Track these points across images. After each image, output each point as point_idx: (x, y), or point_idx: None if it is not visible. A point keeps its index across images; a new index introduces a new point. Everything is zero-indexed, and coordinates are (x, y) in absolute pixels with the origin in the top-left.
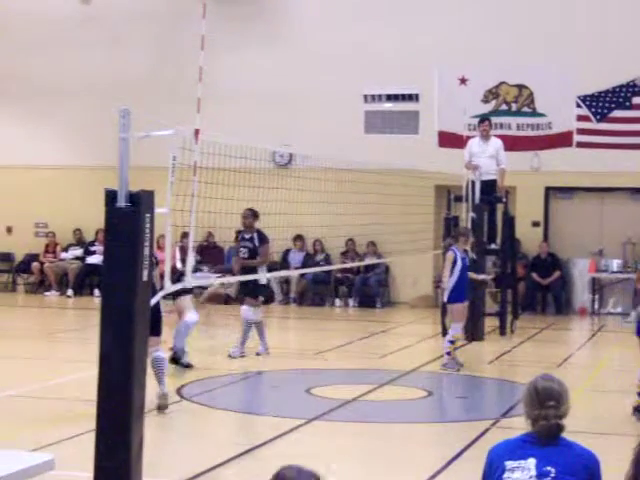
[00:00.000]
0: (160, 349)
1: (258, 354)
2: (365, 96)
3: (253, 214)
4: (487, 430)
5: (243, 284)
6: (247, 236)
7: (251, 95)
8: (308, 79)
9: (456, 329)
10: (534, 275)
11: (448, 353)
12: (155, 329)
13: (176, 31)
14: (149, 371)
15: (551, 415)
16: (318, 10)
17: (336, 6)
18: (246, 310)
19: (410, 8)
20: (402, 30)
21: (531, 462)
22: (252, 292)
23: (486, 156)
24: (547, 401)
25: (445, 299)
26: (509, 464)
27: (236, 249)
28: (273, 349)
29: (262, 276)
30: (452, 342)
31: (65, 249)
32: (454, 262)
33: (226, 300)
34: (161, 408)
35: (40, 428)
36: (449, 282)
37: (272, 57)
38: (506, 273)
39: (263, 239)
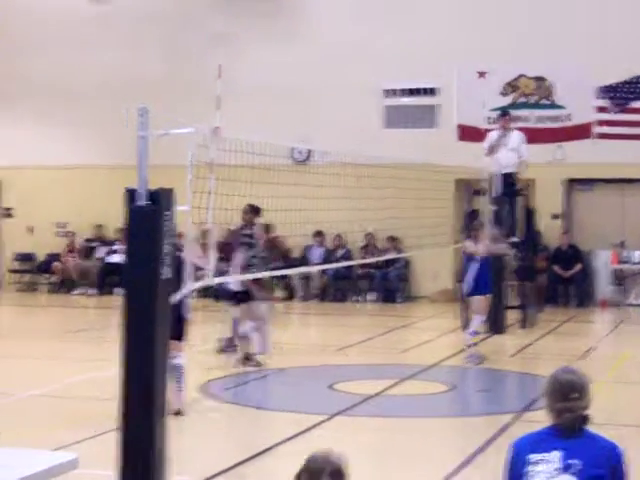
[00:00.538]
0: (181, 355)
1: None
2: (384, 91)
3: (253, 209)
4: (509, 424)
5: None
6: (247, 232)
7: (269, 91)
8: (327, 75)
9: (478, 321)
10: (556, 267)
11: (471, 345)
12: (177, 333)
13: (193, 29)
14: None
15: (576, 407)
16: (336, 5)
17: (354, 1)
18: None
19: (429, 2)
20: (421, 24)
21: (555, 455)
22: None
23: (507, 149)
24: (570, 393)
25: (465, 292)
26: (533, 457)
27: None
28: (295, 345)
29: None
30: (475, 334)
31: (87, 248)
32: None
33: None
34: (178, 414)
35: (62, 427)
36: (469, 275)
37: (290, 53)
38: (527, 266)
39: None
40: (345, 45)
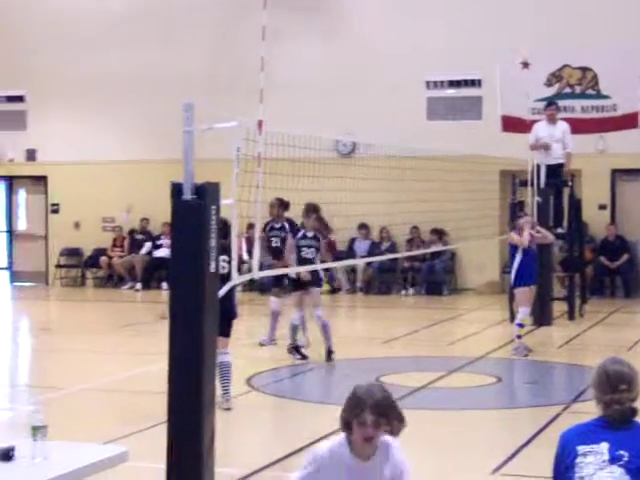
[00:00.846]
0: (228, 352)
1: (262, 344)
2: (427, 82)
3: (281, 203)
4: (558, 415)
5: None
6: (277, 225)
7: (312, 85)
8: (370, 67)
9: (524, 312)
10: (602, 258)
11: (518, 336)
12: (224, 329)
13: (235, 22)
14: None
15: (625, 399)
16: None
17: None
18: (273, 301)
19: None
20: (463, 16)
21: (604, 446)
22: (274, 283)
23: (553, 140)
24: (619, 385)
25: (512, 283)
26: (581, 449)
27: (265, 239)
28: (342, 338)
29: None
30: (521, 325)
31: (134, 241)
32: (516, 246)
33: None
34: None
35: (112, 421)
36: (513, 266)
37: (333, 46)
38: (573, 257)
39: (293, 225)
40: (387, 37)
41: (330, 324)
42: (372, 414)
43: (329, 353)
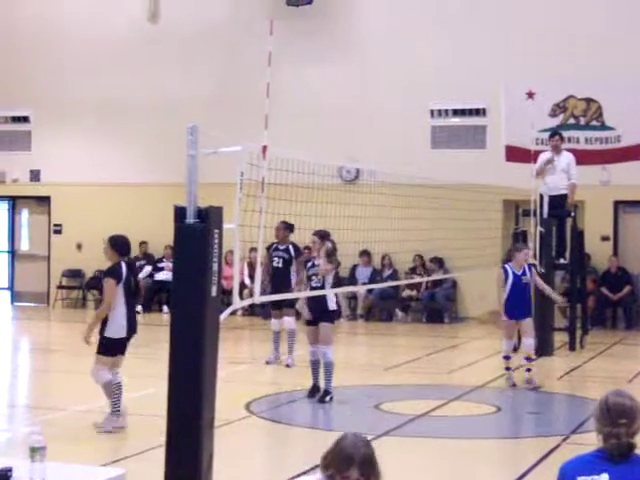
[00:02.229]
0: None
1: (288, 365)
2: (432, 111)
3: (287, 227)
4: (558, 446)
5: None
6: (281, 247)
7: (317, 110)
8: (374, 94)
9: (506, 344)
10: (604, 290)
11: (507, 368)
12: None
13: (241, 48)
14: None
15: (622, 433)
16: (383, 25)
17: (400, 21)
18: (290, 321)
19: (476, 23)
20: (468, 44)
21: (604, 477)
22: (292, 303)
23: (557, 170)
24: (619, 419)
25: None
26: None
27: (268, 260)
28: (342, 364)
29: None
30: (507, 358)
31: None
32: (505, 279)
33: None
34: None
35: (109, 443)
36: (502, 299)
37: (337, 72)
38: (575, 288)
39: (299, 250)
40: (392, 65)
41: (334, 365)
42: (358, 470)
43: (325, 394)
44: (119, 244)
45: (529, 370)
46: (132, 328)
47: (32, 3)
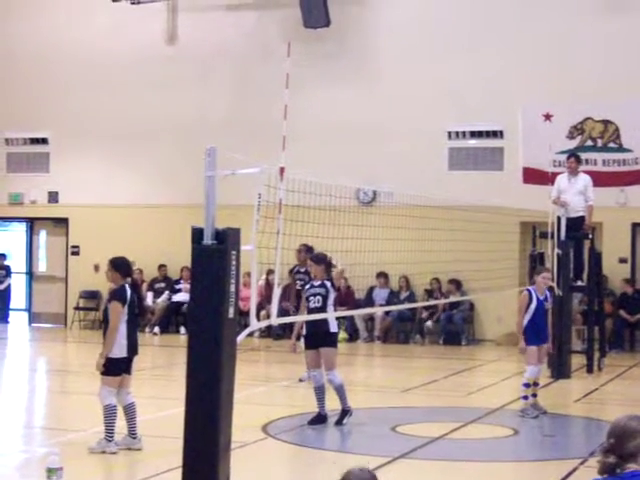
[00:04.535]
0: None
1: (301, 380)
2: (449, 132)
3: (308, 249)
4: (575, 469)
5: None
6: (302, 270)
7: (334, 132)
8: (392, 116)
9: (531, 372)
10: (622, 312)
11: (525, 397)
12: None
13: (258, 70)
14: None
15: (609, 451)
16: (401, 48)
17: (418, 43)
18: None
19: (493, 45)
20: (486, 67)
21: None
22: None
23: (574, 192)
24: (609, 437)
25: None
26: None
27: (292, 281)
28: (359, 386)
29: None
30: (527, 385)
31: (150, 285)
32: (528, 303)
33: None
34: None
35: (126, 464)
36: (524, 324)
37: (355, 95)
38: (593, 310)
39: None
40: (409, 87)
41: (344, 383)
42: None
43: (343, 414)
44: (121, 266)
45: (535, 395)
46: (133, 348)
47: (52, 27)
